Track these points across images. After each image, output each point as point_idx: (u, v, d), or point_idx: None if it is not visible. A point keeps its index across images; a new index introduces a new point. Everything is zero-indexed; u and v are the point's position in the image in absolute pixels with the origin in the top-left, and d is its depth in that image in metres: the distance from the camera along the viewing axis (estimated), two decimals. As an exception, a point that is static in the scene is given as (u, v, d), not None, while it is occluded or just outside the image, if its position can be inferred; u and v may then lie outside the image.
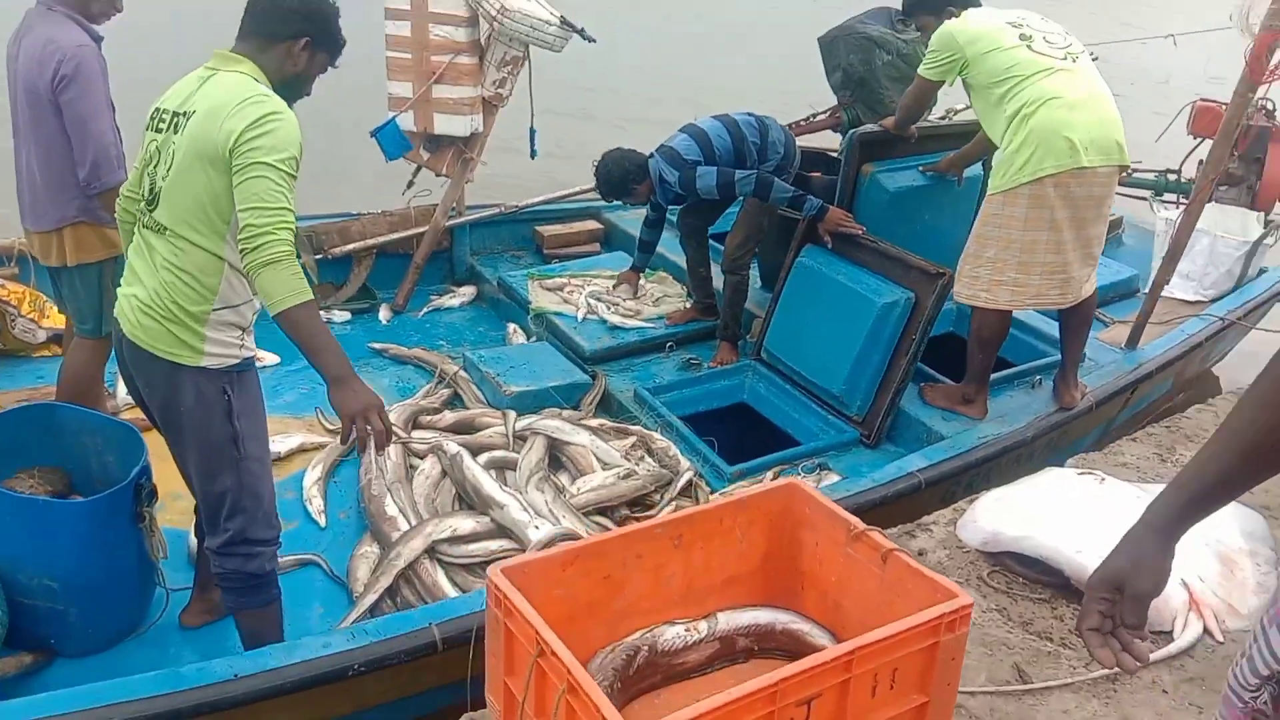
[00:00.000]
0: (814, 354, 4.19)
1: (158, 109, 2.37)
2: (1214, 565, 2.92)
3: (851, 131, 4.37)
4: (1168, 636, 2.75)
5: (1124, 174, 3.81)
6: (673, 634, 2.30)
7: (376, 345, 4.67)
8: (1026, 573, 2.99)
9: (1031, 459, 4.06)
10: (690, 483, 3.59)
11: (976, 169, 4.47)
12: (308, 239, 4.98)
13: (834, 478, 3.67)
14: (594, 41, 4.85)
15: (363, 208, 5.28)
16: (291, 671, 2.37)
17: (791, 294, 4.35)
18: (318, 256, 4.99)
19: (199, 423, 2.35)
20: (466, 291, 5.35)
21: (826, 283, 4.18)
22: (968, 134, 4.31)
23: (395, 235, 5.21)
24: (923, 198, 4.39)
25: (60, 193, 3.25)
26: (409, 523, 3.20)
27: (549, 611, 2.13)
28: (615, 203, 4.81)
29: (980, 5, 3.93)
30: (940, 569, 3.02)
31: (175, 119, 2.30)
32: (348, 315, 5.00)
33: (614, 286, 4.93)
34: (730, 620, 2.38)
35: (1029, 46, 3.64)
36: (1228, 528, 3.05)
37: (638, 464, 3.66)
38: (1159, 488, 1.40)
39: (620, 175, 4.38)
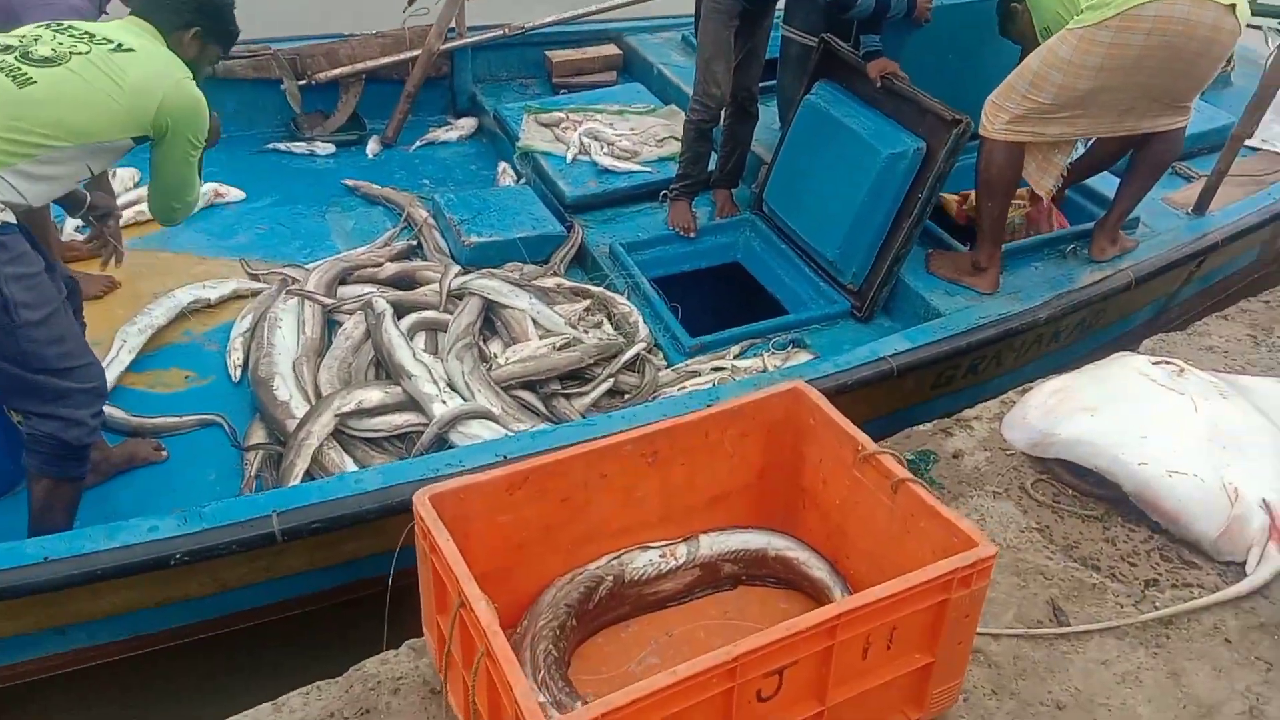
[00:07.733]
0: (812, 211, 3.66)
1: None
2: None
3: None
4: (1239, 570, 2.31)
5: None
6: (644, 561, 2.05)
7: (350, 182, 4.31)
8: (1078, 484, 2.56)
9: (1057, 340, 3.52)
10: (639, 357, 3.21)
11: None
12: (290, 63, 4.60)
13: (804, 357, 3.22)
14: None
15: (354, 29, 4.83)
16: (106, 558, 2.18)
17: (797, 138, 3.76)
18: (301, 83, 4.61)
19: None
20: (466, 124, 4.90)
21: (833, 126, 3.58)
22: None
23: (387, 60, 4.75)
24: (955, 21, 3.68)
25: None
26: (305, 406, 2.89)
27: (493, 539, 1.90)
28: None
29: None
30: (977, 476, 2.62)
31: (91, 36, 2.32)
32: (332, 148, 4.63)
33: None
34: (715, 544, 2.11)
35: None
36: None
37: (588, 332, 3.29)
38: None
39: None
